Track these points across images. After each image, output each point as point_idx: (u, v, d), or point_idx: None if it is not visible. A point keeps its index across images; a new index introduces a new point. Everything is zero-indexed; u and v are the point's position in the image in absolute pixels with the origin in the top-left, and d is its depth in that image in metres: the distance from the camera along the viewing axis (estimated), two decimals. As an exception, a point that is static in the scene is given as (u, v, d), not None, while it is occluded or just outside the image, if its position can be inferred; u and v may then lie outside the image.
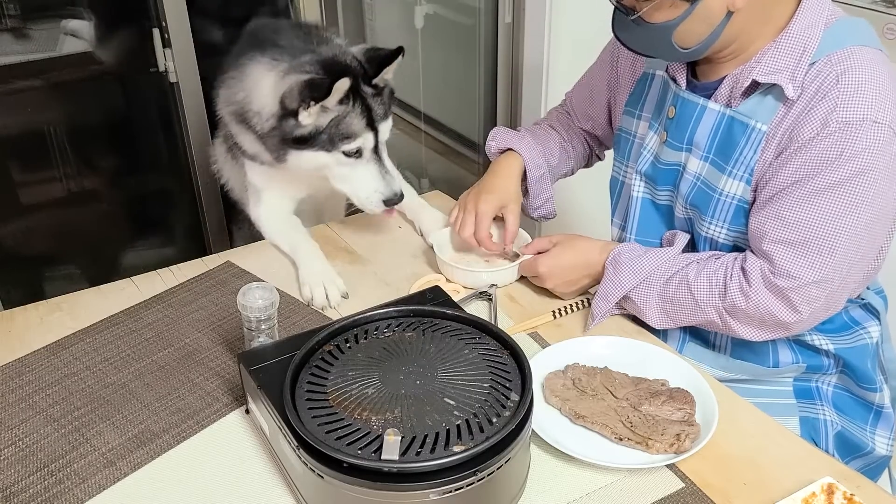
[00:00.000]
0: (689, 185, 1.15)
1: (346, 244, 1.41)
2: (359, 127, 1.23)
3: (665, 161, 1.18)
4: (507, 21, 2.30)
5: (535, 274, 1.24)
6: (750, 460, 0.95)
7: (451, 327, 0.97)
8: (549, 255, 1.23)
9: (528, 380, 0.87)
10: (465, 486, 0.78)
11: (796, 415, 1.16)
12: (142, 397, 1.05)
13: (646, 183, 1.23)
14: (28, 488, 0.91)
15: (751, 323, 1.07)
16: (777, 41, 1.04)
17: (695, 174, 1.14)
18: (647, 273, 1.13)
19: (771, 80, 1.03)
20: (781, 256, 1.02)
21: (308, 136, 1.22)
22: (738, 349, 1.18)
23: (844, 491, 0.87)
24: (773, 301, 1.04)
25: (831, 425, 1.15)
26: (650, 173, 1.22)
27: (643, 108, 1.25)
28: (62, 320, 1.20)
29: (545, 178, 1.38)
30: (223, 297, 1.25)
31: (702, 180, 1.13)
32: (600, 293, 1.16)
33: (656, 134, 1.21)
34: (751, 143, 1.06)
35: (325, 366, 0.91)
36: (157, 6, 1.77)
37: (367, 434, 0.81)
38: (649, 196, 1.24)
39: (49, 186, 2.02)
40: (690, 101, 1.13)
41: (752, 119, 1.06)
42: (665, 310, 1.13)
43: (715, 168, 1.11)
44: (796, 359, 1.16)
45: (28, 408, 1.03)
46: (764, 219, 1.05)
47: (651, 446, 0.94)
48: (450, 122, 2.65)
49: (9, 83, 1.84)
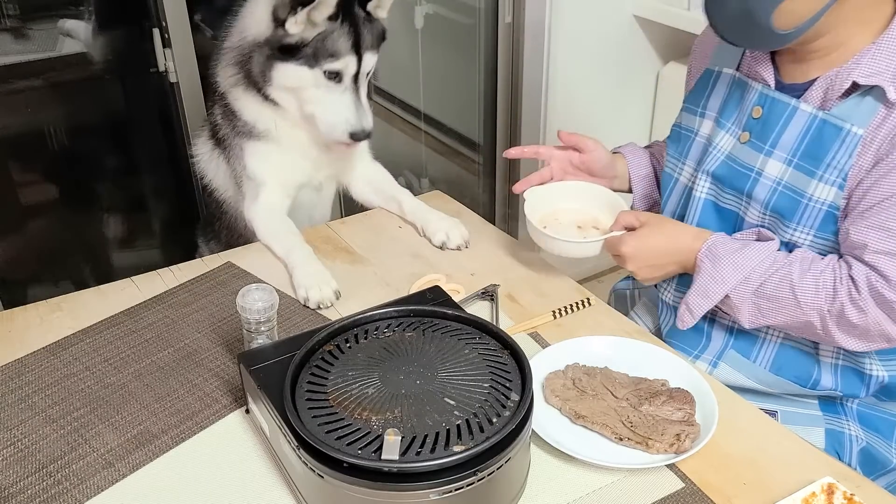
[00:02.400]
0: (768, 190, 1.10)
1: (346, 244, 1.41)
2: (344, 47, 1.25)
3: (741, 163, 1.14)
4: (507, 21, 2.30)
5: (617, 252, 1.17)
6: (750, 460, 0.94)
7: (451, 327, 0.97)
8: (636, 235, 1.16)
9: (528, 380, 0.87)
10: (465, 486, 0.78)
11: (822, 426, 1.14)
12: (141, 398, 1.05)
13: (712, 183, 1.18)
14: (26, 489, 0.91)
15: (853, 332, 1.03)
16: (878, 42, 1.01)
17: (775, 179, 1.09)
18: (749, 269, 1.07)
19: (872, 83, 1.00)
20: (890, 268, 0.99)
21: (294, 47, 1.25)
22: (779, 365, 1.15)
23: (844, 491, 0.86)
24: (880, 313, 1.00)
25: (856, 441, 1.13)
26: (720, 174, 1.17)
27: (706, 105, 1.21)
28: (62, 320, 1.20)
29: (650, 178, 1.37)
30: (223, 297, 1.24)
31: (784, 185, 1.08)
32: (698, 289, 1.11)
33: (730, 134, 1.16)
34: (845, 147, 1.03)
35: (325, 366, 0.91)
36: (157, 6, 1.77)
37: (367, 434, 0.81)
38: (713, 198, 1.19)
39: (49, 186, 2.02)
40: (780, 102, 1.09)
41: (846, 122, 1.02)
42: (759, 307, 1.08)
43: (802, 172, 1.07)
44: (836, 385, 1.13)
45: (27, 408, 1.03)
46: (865, 229, 1.00)
47: (651, 446, 0.94)
48: (450, 122, 2.65)
49: (9, 83, 1.84)
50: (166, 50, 1.82)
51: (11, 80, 1.84)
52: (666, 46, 2.45)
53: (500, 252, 1.38)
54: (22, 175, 1.97)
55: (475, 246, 1.39)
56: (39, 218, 2.04)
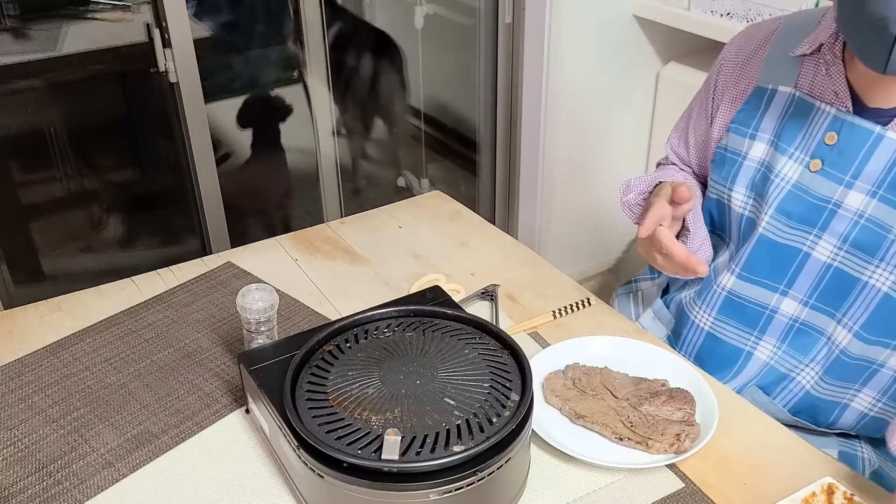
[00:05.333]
0: (848, 223, 1.02)
1: (346, 244, 1.41)
2: None
3: (815, 194, 1.04)
4: (507, 21, 2.30)
5: None
6: (750, 460, 0.94)
7: (451, 327, 0.97)
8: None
9: (528, 380, 0.87)
10: (465, 486, 0.78)
11: (836, 448, 1.11)
12: (141, 398, 1.05)
13: (773, 217, 1.07)
14: (26, 489, 0.91)
15: None
16: None
17: (856, 211, 1.01)
18: None
19: None
20: None
21: None
22: (798, 409, 1.12)
23: (845, 491, 0.87)
24: None
25: (869, 463, 1.10)
26: (788, 207, 1.06)
27: (758, 126, 1.11)
28: (62, 320, 1.20)
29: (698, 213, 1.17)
30: (223, 297, 1.24)
31: (867, 218, 1.00)
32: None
33: (795, 161, 1.06)
34: None
35: (325, 366, 0.91)
36: (157, 6, 1.77)
37: (367, 434, 0.81)
38: (772, 234, 1.08)
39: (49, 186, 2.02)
40: (861, 128, 1.00)
41: None
42: None
43: (887, 205, 0.99)
44: (855, 426, 1.09)
45: (27, 408, 1.03)
46: None
47: (651, 446, 0.94)
48: (450, 122, 2.66)
49: (9, 83, 1.84)
50: (166, 50, 1.82)
51: (11, 80, 1.84)
52: (666, 46, 2.45)
53: (500, 252, 1.38)
54: (22, 175, 1.97)
55: (475, 246, 1.39)
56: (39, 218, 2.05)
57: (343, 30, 2.39)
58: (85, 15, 1.88)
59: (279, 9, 2.26)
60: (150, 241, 2.24)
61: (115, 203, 2.15)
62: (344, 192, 2.53)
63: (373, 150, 2.69)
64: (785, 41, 1.11)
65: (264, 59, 2.29)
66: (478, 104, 2.51)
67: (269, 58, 2.30)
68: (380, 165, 2.73)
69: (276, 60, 2.32)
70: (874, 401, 1.07)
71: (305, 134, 2.43)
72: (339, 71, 2.41)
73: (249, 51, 2.23)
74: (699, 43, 2.30)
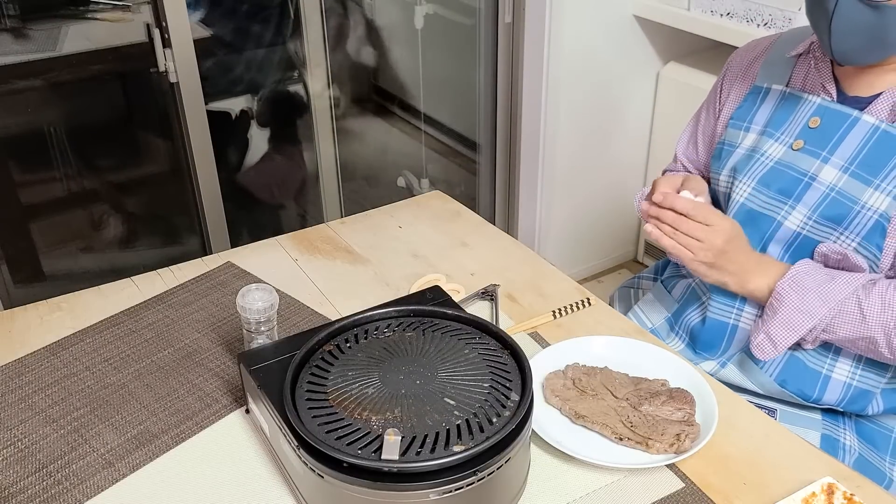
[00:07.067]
0: (819, 195, 1.09)
1: (346, 244, 1.41)
2: None
3: (795, 167, 1.12)
4: (507, 21, 2.30)
5: (707, 233, 1.07)
6: (750, 460, 0.94)
7: (451, 327, 0.97)
8: (732, 231, 1.08)
9: (528, 380, 0.87)
10: (465, 486, 0.78)
11: (819, 431, 1.13)
12: (141, 398, 1.05)
13: (753, 188, 1.15)
14: (26, 489, 0.91)
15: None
16: None
17: (829, 184, 1.08)
18: (837, 301, 1.04)
19: None
20: None
21: None
22: (784, 377, 1.14)
23: (844, 491, 0.87)
24: None
25: (850, 451, 1.12)
26: (766, 179, 1.14)
27: (752, 119, 1.20)
28: (62, 320, 1.20)
29: None
30: (223, 297, 1.24)
31: (838, 191, 1.08)
32: (783, 321, 1.06)
33: (780, 143, 1.15)
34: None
35: (325, 366, 0.91)
36: (156, 6, 1.77)
37: (367, 434, 0.81)
38: (752, 203, 1.16)
39: (49, 186, 2.02)
40: (841, 113, 1.09)
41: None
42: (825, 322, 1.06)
43: (856, 180, 1.06)
44: (840, 401, 1.12)
45: (27, 408, 1.03)
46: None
47: (651, 446, 0.94)
48: (450, 122, 2.66)
49: (9, 83, 1.84)
50: (166, 50, 1.82)
51: (11, 80, 1.84)
52: (666, 46, 2.45)
53: (500, 252, 1.38)
54: (22, 175, 1.97)
55: (475, 246, 1.39)
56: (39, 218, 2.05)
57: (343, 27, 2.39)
58: (85, 15, 1.88)
59: (279, 8, 2.26)
60: (150, 241, 2.24)
61: (116, 203, 2.15)
62: (344, 192, 2.54)
63: (373, 150, 2.69)
64: (784, 46, 1.21)
65: (265, 60, 2.29)
66: (478, 104, 2.51)
67: (270, 58, 2.30)
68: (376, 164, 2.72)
69: (276, 60, 2.32)
70: (853, 368, 1.12)
71: (305, 134, 2.43)
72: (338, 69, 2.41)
73: (249, 51, 2.23)
74: (699, 43, 2.30)
